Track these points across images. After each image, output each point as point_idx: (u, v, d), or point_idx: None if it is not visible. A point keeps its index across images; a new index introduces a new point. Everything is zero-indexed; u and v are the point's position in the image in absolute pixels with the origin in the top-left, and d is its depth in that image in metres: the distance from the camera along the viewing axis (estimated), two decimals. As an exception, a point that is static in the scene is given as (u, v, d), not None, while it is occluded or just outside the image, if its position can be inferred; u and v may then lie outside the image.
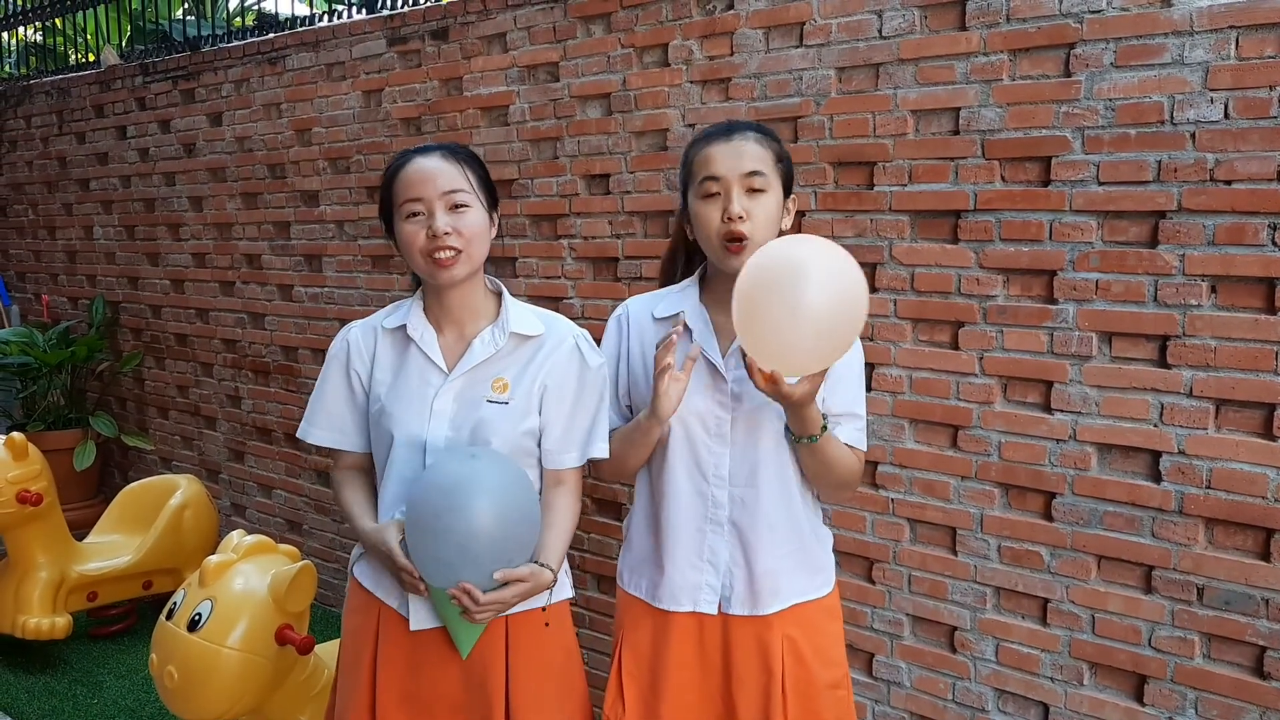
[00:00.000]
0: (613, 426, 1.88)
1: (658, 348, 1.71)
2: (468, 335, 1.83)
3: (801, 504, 1.83)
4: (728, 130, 1.74)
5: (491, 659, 1.79)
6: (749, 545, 1.79)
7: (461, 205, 1.75)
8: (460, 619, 1.70)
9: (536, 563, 1.74)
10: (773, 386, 1.60)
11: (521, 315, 1.85)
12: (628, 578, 1.92)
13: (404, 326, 1.84)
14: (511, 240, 3.21)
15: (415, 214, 1.74)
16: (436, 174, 1.74)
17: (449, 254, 1.73)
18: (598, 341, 1.90)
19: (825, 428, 1.72)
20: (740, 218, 1.68)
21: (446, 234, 1.72)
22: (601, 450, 1.84)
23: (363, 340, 1.88)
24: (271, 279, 4.06)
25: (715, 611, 1.80)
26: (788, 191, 1.77)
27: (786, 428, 1.76)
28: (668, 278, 1.95)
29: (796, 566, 1.82)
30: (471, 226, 1.75)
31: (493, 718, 1.78)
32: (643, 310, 1.89)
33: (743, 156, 1.70)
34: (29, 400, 4.79)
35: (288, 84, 3.86)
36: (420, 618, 1.79)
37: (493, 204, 1.82)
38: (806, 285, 1.51)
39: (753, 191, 1.69)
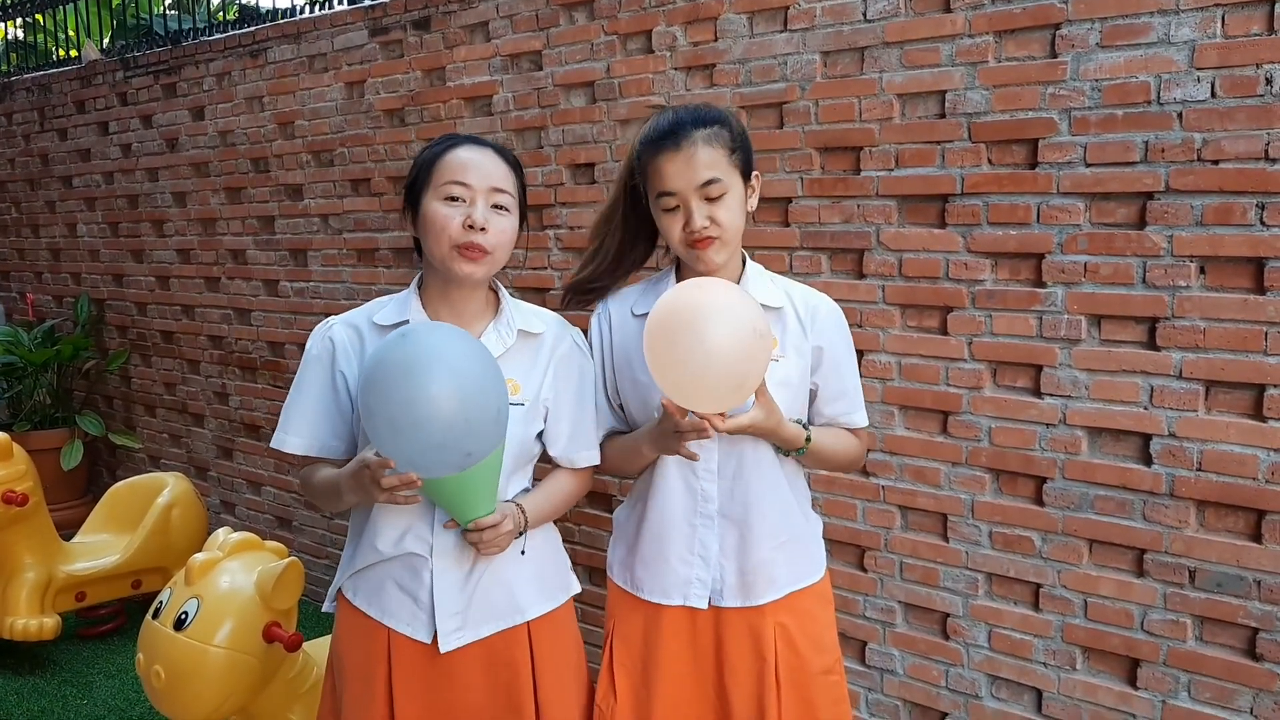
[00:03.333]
0: (612, 428, 1.87)
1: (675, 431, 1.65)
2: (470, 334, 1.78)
3: (791, 492, 1.82)
4: (674, 136, 1.67)
5: (518, 662, 1.76)
6: (741, 538, 1.78)
7: (503, 207, 1.71)
8: (466, 492, 1.62)
9: (514, 502, 1.74)
10: (725, 423, 1.60)
11: (524, 313, 1.82)
12: (618, 570, 1.90)
13: (405, 323, 1.73)
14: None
15: (455, 198, 1.68)
16: (489, 167, 1.70)
17: (478, 254, 1.67)
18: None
19: (809, 438, 1.74)
20: (704, 228, 1.66)
21: (484, 229, 1.66)
22: (593, 457, 1.85)
23: (348, 339, 1.78)
24: (257, 274, 4.03)
25: (706, 605, 1.79)
26: (748, 175, 1.73)
27: (774, 446, 1.77)
28: (600, 242, 1.91)
29: (790, 555, 1.81)
30: (506, 232, 1.71)
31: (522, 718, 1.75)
32: (621, 307, 1.87)
33: (695, 167, 1.65)
34: (15, 400, 4.77)
35: (269, 77, 3.83)
36: (450, 640, 1.71)
37: (523, 218, 1.78)
38: (709, 326, 1.51)
39: (711, 198, 1.67)
